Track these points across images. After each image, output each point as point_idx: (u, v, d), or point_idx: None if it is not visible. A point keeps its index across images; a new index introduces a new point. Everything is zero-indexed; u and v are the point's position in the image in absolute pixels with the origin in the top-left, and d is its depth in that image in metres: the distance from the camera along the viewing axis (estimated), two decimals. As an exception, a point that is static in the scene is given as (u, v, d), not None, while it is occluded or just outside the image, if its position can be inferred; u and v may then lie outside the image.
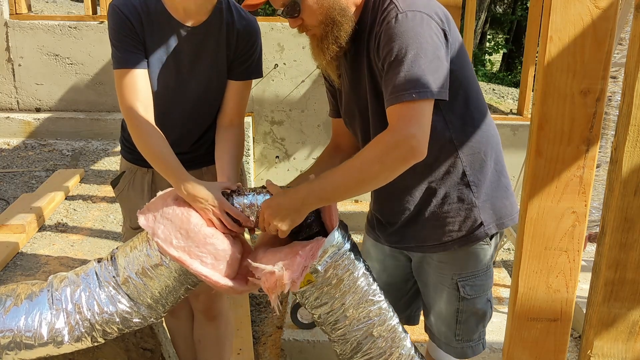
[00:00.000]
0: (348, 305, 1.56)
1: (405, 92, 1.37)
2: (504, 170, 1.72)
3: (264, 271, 1.49)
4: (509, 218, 1.70)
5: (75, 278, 1.58)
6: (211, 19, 1.76)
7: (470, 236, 1.66)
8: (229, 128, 1.87)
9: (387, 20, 1.42)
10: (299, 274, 1.46)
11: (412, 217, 1.69)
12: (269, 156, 4.84)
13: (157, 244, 1.51)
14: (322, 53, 1.53)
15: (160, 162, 1.68)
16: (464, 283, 1.71)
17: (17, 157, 4.08)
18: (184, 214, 1.54)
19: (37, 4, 6.34)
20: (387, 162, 1.39)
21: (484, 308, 1.76)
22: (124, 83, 1.69)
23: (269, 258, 1.52)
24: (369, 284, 1.59)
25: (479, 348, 1.82)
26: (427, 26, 1.41)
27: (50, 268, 2.49)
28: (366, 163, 1.41)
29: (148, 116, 1.69)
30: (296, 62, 4.58)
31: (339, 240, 1.51)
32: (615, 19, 1.11)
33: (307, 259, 1.47)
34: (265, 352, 3.21)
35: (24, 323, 1.50)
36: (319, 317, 1.61)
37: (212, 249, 1.52)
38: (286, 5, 1.47)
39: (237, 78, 1.85)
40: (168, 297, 1.58)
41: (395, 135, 1.38)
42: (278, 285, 1.47)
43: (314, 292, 1.55)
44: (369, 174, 1.42)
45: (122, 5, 1.69)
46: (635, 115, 1.10)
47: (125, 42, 1.69)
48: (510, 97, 6.69)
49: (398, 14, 1.41)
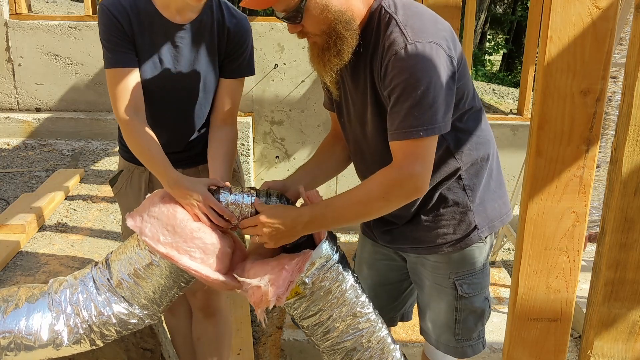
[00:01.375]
0: (336, 317, 1.56)
1: (413, 129, 1.38)
2: (494, 172, 1.72)
3: (250, 285, 1.48)
4: (499, 220, 1.72)
5: (73, 281, 1.59)
6: (201, 17, 1.77)
7: (465, 239, 1.67)
8: (222, 127, 1.87)
9: (396, 50, 1.38)
10: (284, 290, 1.46)
11: (408, 220, 1.69)
12: (269, 156, 4.84)
13: (145, 242, 1.51)
14: (323, 65, 1.49)
15: (149, 160, 1.69)
16: (462, 282, 1.71)
17: (17, 157, 4.08)
18: (170, 210, 1.54)
19: (37, 4, 6.34)
20: (391, 199, 1.45)
21: (482, 306, 1.76)
22: (115, 82, 1.70)
23: (257, 270, 1.52)
24: (357, 296, 1.58)
25: (479, 347, 1.82)
26: (436, 57, 1.38)
27: (50, 268, 2.49)
28: (371, 199, 1.45)
29: (139, 115, 1.71)
30: (296, 62, 4.58)
31: (327, 252, 1.50)
32: (615, 19, 1.11)
33: (294, 274, 1.46)
34: (265, 352, 3.21)
35: (25, 325, 1.51)
36: (307, 328, 1.61)
37: (200, 242, 1.52)
38: (288, 11, 1.41)
39: (229, 76, 1.86)
40: (162, 296, 1.58)
41: (400, 173, 1.42)
42: (263, 301, 1.47)
43: (302, 304, 1.54)
44: (372, 209, 1.48)
45: (111, 5, 1.70)
46: (635, 115, 1.10)
47: (114, 42, 1.70)
48: (510, 97, 6.69)
49: (407, 45, 1.37)
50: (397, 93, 1.39)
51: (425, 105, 1.36)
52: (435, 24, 1.45)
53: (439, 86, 1.37)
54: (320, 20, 1.42)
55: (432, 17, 1.48)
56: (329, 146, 1.82)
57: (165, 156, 1.68)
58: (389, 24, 1.43)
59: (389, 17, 1.43)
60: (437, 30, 1.43)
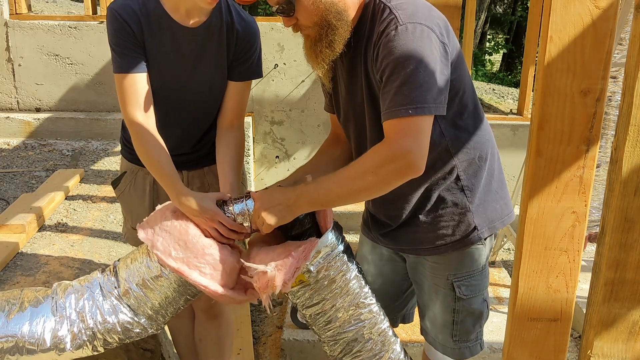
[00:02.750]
0: (339, 306, 1.57)
1: (402, 107, 1.35)
2: (495, 173, 1.71)
3: (256, 271, 1.49)
4: (500, 221, 1.70)
5: (79, 287, 1.59)
6: (211, 19, 1.76)
7: (465, 240, 1.66)
8: (230, 130, 1.87)
9: (387, 32, 1.40)
10: (290, 276, 1.47)
11: (407, 221, 1.69)
12: (269, 156, 4.84)
13: (156, 255, 1.53)
14: (315, 56, 1.51)
15: (158, 172, 1.69)
16: (460, 283, 1.71)
17: (17, 157, 4.08)
18: (182, 225, 1.56)
19: (37, 4, 6.34)
20: (381, 174, 1.38)
21: (480, 308, 1.76)
22: (125, 88, 1.69)
23: (262, 257, 1.53)
24: (361, 287, 1.59)
25: (476, 348, 1.82)
26: (427, 39, 1.38)
27: (50, 268, 2.49)
28: (360, 173, 1.40)
29: (149, 123, 1.70)
30: (296, 62, 4.57)
31: (333, 241, 1.51)
32: (615, 19, 1.11)
33: (300, 260, 1.47)
34: (265, 352, 3.21)
35: (28, 329, 1.51)
36: (310, 317, 1.61)
37: (211, 259, 1.53)
38: (281, 3, 1.45)
39: (236, 79, 1.85)
40: (168, 308, 1.60)
41: (391, 148, 1.37)
42: (270, 286, 1.48)
43: (305, 292, 1.55)
44: (363, 184, 1.41)
45: (120, 9, 1.68)
46: (635, 115, 1.10)
47: (124, 46, 1.68)
48: (510, 97, 6.69)
49: (398, 26, 1.38)
50: (387, 73, 1.39)
51: (413, 83, 1.35)
52: (429, 11, 1.46)
53: (429, 67, 1.36)
54: (312, 12, 1.45)
55: (426, 5, 1.49)
56: (328, 149, 1.82)
57: (174, 168, 1.68)
58: (383, 12, 1.44)
59: (384, 6, 1.45)
60: (430, 16, 1.44)
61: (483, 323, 1.81)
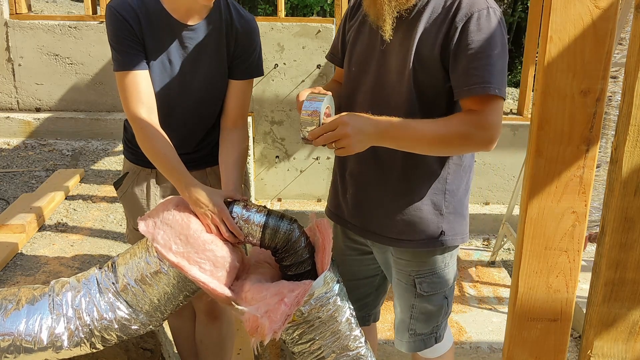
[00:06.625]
0: (327, 348, 1.55)
1: (491, 85, 1.43)
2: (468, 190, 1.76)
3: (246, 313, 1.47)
4: (460, 237, 1.72)
5: (76, 284, 1.58)
6: (210, 18, 1.76)
7: (428, 241, 1.67)
8: (233, 130, 1.86)
9: (479, 9, 1.47)
10: (280, 324, 1.43)
11: (383, 205, 1.69)
12: (269, 156, 4.84)
13: (156, 249, 1.51)
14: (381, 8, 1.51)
15: (165, 165, 1.68)
16: (421, 280, 1.72)
17: (17, 157, 4.08)
18: (184, 219, 1.54)
19: (37, 4, 6.34)
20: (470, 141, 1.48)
21: (440, 304, 1.77)
22: (126, 86, 1.68)
23: (254, 294, 1.50)
24: (350, 330, 1.57)
25: (430, 341, 1.81)
26: (504, 29, 1.50)
27: (50, 268, 2.49)
28: (452, 134, 1.46)
29: (152, 118, 1.69)
30: (296, 62, 4.57)
31: (328, 283, 1.49)
32: (615, 19, 1.11)
33: (292, 307, 1.44)
34: (265, 352, 3.21)
35: (25, 327, 1.50)
36: (297, 354, 1.60)
37: (211, 255, 1.52)
38: None
39: (238, 77, 1.85)
40: (166, 304, 1.58)
41: (481, 117, 1.45)
42: (259, 332, 1.44)
43: (295, 331, 1.53)
44: (449, 143, 1.48)
45: (119, 7, 1.68)
46: (635, 115, 1.10)
47: (124, 44, 1.68)
48: (510, 97, 6.69)
49: (490, 8, 1.48)
50: (473, 50, 1.45)
51: (499, 67, 1.45)
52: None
53: (505, 55, 1.48)
54: None
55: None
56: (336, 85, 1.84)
57: (180, 161, 1.67)
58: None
59: None
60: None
61: (443, 318, 1.81)
